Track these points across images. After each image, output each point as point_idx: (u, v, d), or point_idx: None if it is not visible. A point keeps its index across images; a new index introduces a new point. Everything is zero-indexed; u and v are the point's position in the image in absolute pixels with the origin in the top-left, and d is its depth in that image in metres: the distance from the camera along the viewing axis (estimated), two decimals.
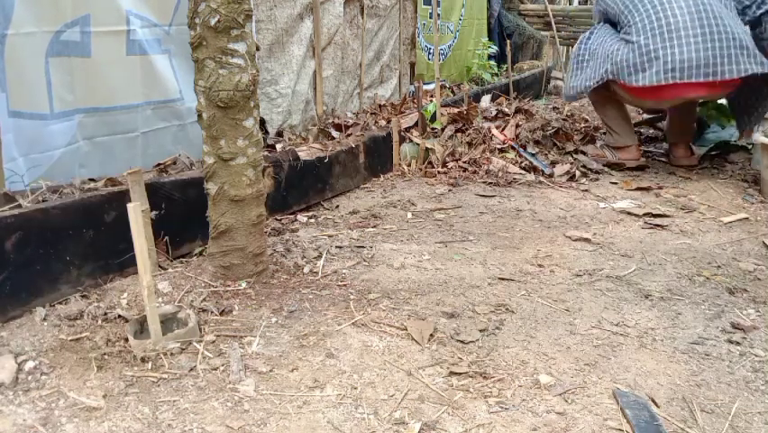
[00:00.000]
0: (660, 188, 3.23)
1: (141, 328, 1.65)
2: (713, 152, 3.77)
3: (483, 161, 3.49)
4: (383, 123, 3.77)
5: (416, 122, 3.61)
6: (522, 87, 5.68)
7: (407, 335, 1.72)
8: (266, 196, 2.04)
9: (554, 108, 4.54)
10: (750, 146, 3.68)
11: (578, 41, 3.72)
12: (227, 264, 1.95)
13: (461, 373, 1.54)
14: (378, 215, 2.76)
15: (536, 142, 3.71)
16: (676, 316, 1.87)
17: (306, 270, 2.11)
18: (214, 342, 1.64)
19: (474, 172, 3.42)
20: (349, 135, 3.37)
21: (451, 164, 3.51)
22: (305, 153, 2.78)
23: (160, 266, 2.01)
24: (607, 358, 1.63)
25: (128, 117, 2.66)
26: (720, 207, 2.92)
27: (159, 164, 2.64)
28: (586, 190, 3.19)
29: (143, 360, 1.54)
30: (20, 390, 1.41)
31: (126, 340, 1.61)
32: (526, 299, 1.96)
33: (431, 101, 4.06)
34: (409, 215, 2.78)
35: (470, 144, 3.65)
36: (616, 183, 3.33)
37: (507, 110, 4.17)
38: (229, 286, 1.93)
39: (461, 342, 1.69)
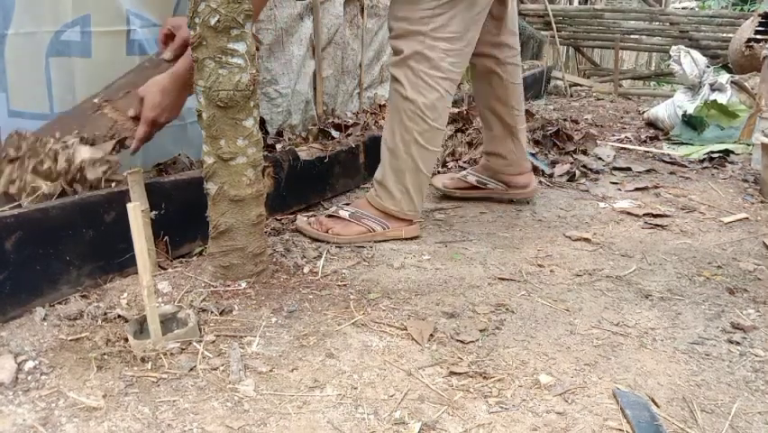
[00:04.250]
0: (660, 188, 3.23)
1: (141, 328, 1.65)
2: (714, 154, 3.77)
3: None
4: (383, 123, 3.76)
5: None
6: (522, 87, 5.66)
7: (407, 335, 1.72)
8: (266, 196, 2.04)
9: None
10: (750, 146, 3.68)
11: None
12: (227, 264, 1.95)
13: (461, 373, 1.54)
14: None
15: (536, 143, 3.71)
16: (676, 316, 1.87)
17: (305, 270, 2.11)
18: (214, 342, 1.64)
19: None
20: (349, 135, 3.37)
21: (451, 164, 3.51)
22: (305, 153, 2.78)
23: (159, 266, 2.01)
24: (607, 358, 1.63)
25: None
26: (720, 207, 2.92)
27: (159, 164, 2.63)
28: (586, 190, 3.19)
29: (143, 360, 1.54)
30: (19, 390, 1.41)
31: (126, 340, 1.60)
32: (526, 299, 1.96)
33: None
34: None
35: (470, 144, 3.65)
36: (616, 183, 3.33)
37: None
38: (229, 286, 1.93)
39: (461, 342, 1.69)
